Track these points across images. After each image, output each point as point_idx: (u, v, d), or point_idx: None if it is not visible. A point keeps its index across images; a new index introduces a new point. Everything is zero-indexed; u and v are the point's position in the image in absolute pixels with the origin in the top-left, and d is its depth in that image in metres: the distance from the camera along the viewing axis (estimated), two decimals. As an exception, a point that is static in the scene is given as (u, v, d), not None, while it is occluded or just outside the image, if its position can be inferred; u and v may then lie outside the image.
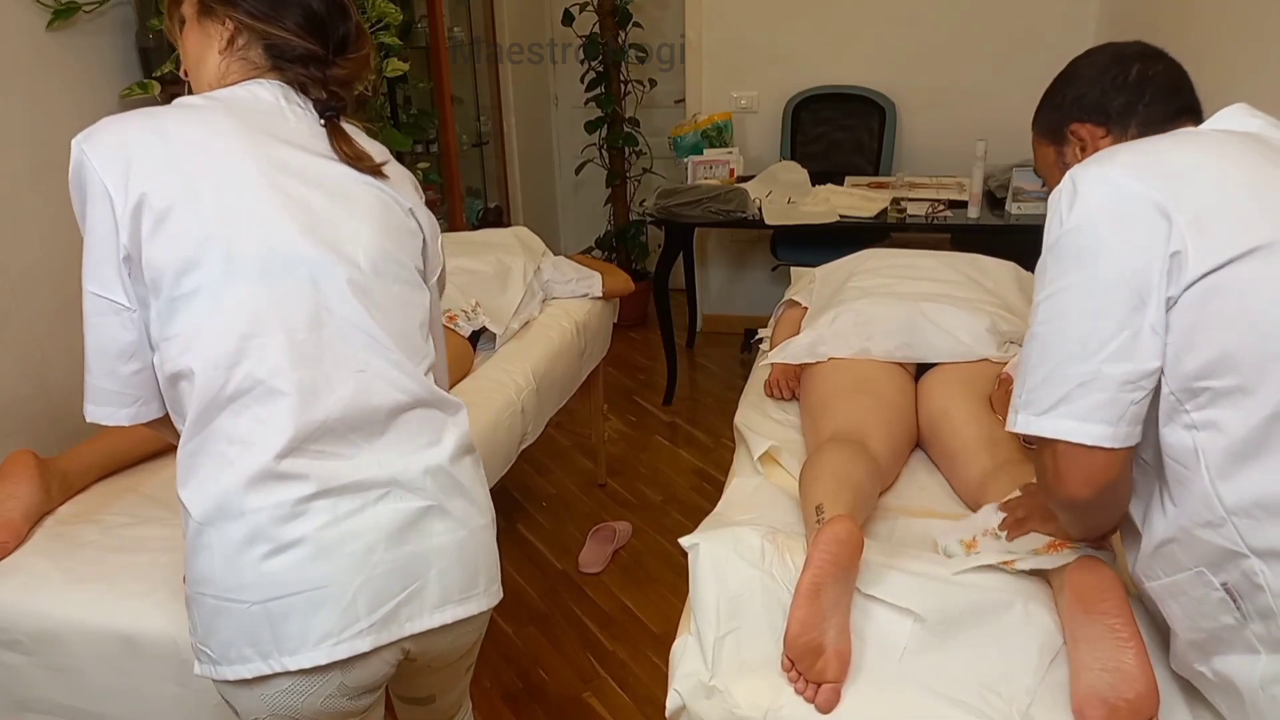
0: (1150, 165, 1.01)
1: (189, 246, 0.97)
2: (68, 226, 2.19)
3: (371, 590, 1.02)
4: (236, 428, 0.98)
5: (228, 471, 0.98)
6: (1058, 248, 1.03)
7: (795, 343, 1.89)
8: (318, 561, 0.99)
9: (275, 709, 1.03)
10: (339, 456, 1.02)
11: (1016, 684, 1.15)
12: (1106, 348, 0.97)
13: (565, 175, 4.91)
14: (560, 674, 2.16)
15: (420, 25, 3.44)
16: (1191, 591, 1.01)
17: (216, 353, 0.98)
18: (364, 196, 1.09)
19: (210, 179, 0.99)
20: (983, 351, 1.73)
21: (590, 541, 2.63)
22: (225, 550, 0.98)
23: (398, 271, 1.10)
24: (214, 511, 0.98)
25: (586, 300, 2.59)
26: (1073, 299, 1.00)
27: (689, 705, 1.22)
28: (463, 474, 1.12)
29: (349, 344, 1.03)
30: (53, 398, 2.13)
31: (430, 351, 1.14)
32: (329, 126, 1.10)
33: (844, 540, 1.19)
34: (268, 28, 1.07)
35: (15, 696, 1.41)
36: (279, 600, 0.98)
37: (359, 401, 1.03)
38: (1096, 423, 0.98)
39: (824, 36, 3.80)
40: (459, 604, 1.10)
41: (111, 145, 0.98)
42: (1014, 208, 3.13)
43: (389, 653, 1.07)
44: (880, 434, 1.58)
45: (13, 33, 2.02)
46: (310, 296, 1.02)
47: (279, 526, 0.98)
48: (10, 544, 1.44)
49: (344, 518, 1.01)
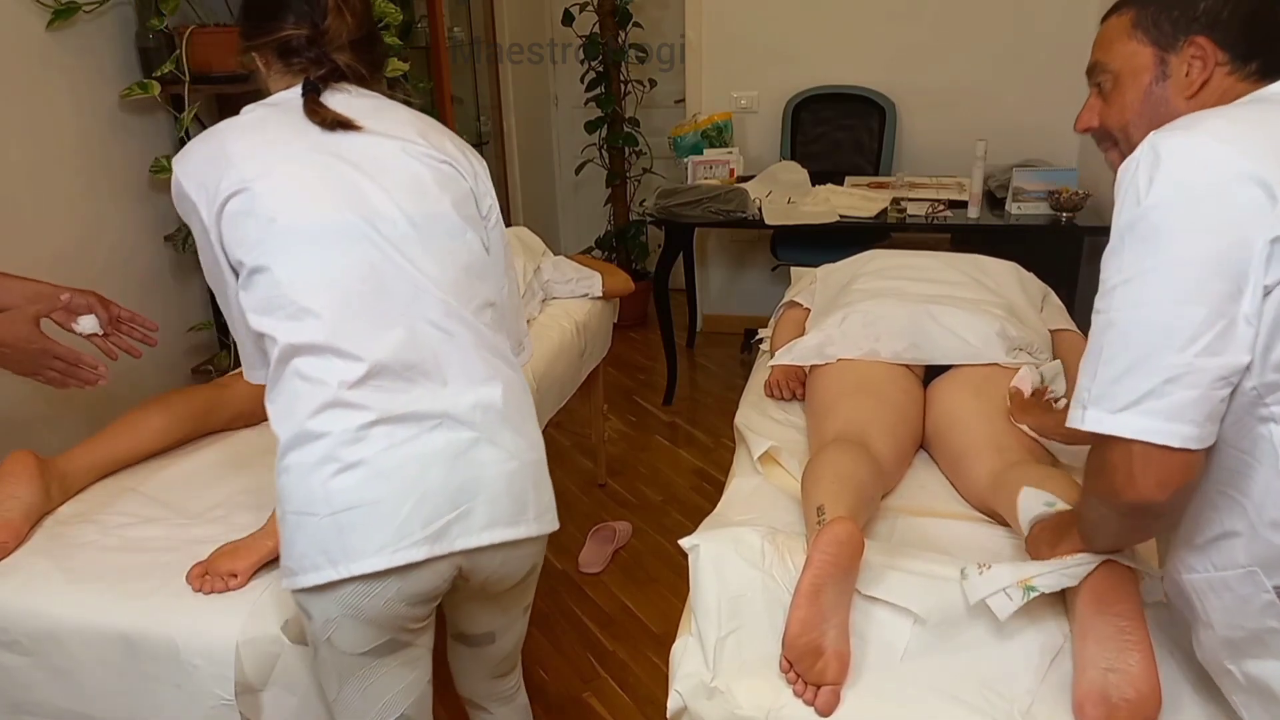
0: (1248, 135, 0.90)
1: (253, 230, 1.15)
2: (67, 226, 2.20)
3: (425, 508, 1.15)
4: (307, 368, 1.14)
5: (303, 402, 1.14)
6: (1138, 227, 0.91)
7: (803, 343, 1.89)
8: (377, 481, 1.13)
9: (345, 609, 1.16)
10: (397, 390, 1.15)
11: (1018, 683, 1.15)
12: (1200, 339, 0.87)
13: (565, 175, 4.91)
14: (560, 674, 2.16)
15: (420, 25, 3.43)
16: (1239, 589, 0.95)
17: (285, 314, 1.14)
18: (399, 164, 1.22)
19: (260, 171, 1.16)
20: (991, 356, 1.72)
21: (590, 541, 2.63)
22: (302, 470, 1.14)
23: (439, 224, 1.23)
24: (294, 437, 1.14)
25: (586, 300, 2.59)
26: (1159, 284, 0.89)
27: (690, 706, 1.22)
28: (512, 411, 1.24)
29: (395, 294, 1.17)
30: (52, 398, 2.13)
31: (485, 291, 1.28)
32: (305, 99, 1.21)
33: (844, 541, 1.18)
34: (265, 39, 1.24)
35: (14, 697, 1.41)
36: (344, 513, 1.12)
37: (410, 344, 1.17)
38: (1183, 422, 0.89)
39: (824, 36, 3.80)
40: (506, 527, 1.22)
41: (189, 165, 1.19)
42: (1014, 208, 3.13)
43: (442, 565, 1.18)
44: (884, 436, 1.58)
45: (13, 33, 2.02)
46: (355, 257, 1.16)
47: (345, 448, 1.12)
48: (10, 544, 1.44)
49: (400, 443, 1.14)
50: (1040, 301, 2.08)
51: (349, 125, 1.21)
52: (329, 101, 1.23)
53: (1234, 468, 0.94)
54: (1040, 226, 3.05)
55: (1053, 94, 3.62)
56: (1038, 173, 3.14)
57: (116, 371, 2.31)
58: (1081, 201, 3.03)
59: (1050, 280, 2.21)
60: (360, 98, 1.26)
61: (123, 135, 2.36)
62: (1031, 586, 1.18)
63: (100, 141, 2.29)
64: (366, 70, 1.28)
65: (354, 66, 1.26)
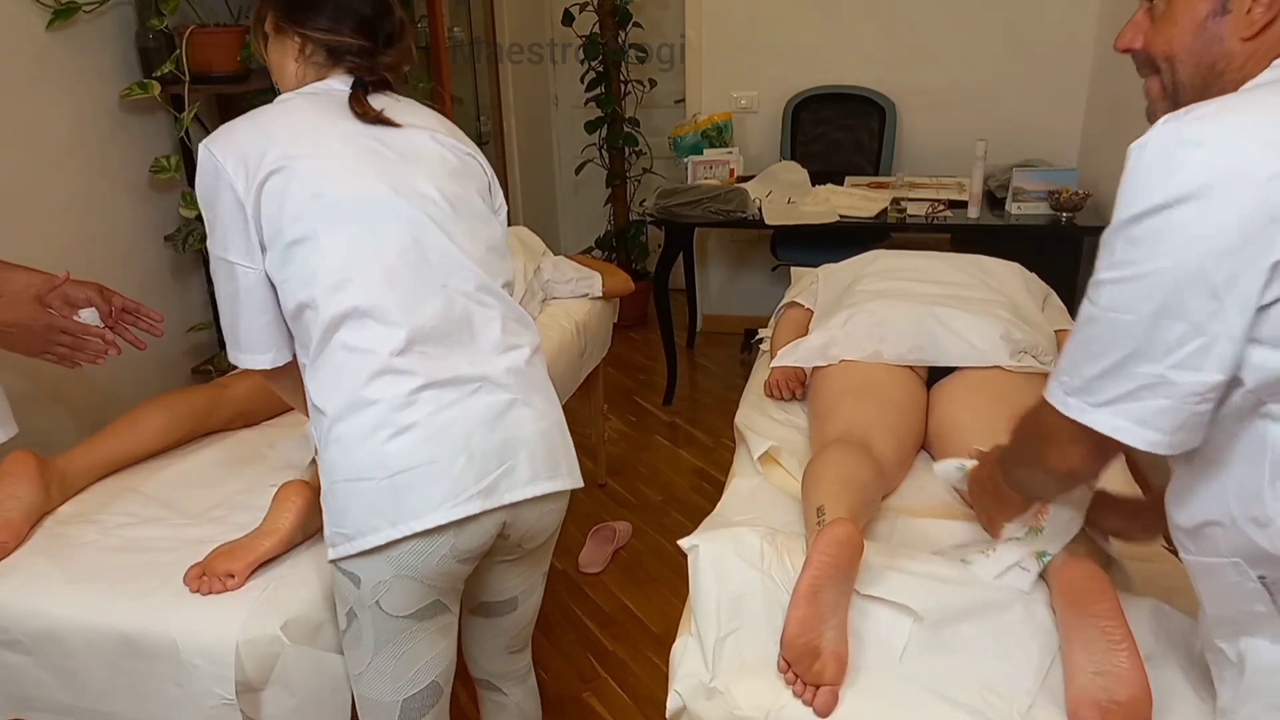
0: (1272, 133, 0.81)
1: (295, 203, 1.20)
2: (67, 226, 2.20)
3: (475, 466, 1.22)
4: (353, 339, 1.20)
5: (351, 372, 1.20)
6: (1133, 229, 0.86)
7: (806, 344, 1.89)
8: (430, 442, 1.20)
9: (400, 569, 1.22)
10: (438, 357, 1.23)
11: (1016, 684, 1.15)
12: (1175, 354, 0.86)
13: (565, 175, 4.90)
14: (560, 674, 2.16)
15: (420, 25, 3.43)
16: (1226, 577, 0.95)
17: (328, 283, 1.19)
18: (433, 151, 1.32)
19: (305, 150, 1.22)
20: (996, 359, 1.72)
21: (590, 541, 2.63)
22: (354, 438, 1.19)
23: (468, 206, 1.32)
24: (345, 407, 1.19)
25: (586, 300, 2.59)
26: (1145, 293, 0.86)
27: (690, 706, 1.22)
28: (537, 376, 1.35)
29: (433, 266, 1.25)
30: (52, 398, 2.13)
31: (505, 270, 1.36)
32: (353, 93, 1.29)
33: (844, 542, 1.18)
34: (328, 37, 1.30)
35: (15, 696, 1.41)
36: (401, 475, 1.18)
37: (448, 312, 1.25)
38: (1152, 429, 0.89)
39: (824, 36, 3.80)
40: (548, 480, 1.31)
41: (228, 141, 1.23)
42: (1014, 208, 3.13)
43: (491, 520, 1.26)
44: (886, 437, 1.58)
45: (13, 33, 2.02)
46: (396, 230, 1.23)
47: (397, 413, 1.19)
48: (10, 544, 1.44)
49: (446, 406, 1.21)
50: (1043, 302, 2.08)
51: (388, 123, 1.29)
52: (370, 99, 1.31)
53: (1216, 460, 0.93)
54: (1040, 226, 3.05)
55: (1053, 94, 3.62)
56: (1038, 173, 3.14)
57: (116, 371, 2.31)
58: (1081, 201, 3.03)
59: (1050, 280, 2.21)
60: (387, 98, 1.34)
61: (123, 135, 2.36)
62: (1043, 553, 1.24)
63: (100, 141, 2.29)
64: (399, 83, 1.38)
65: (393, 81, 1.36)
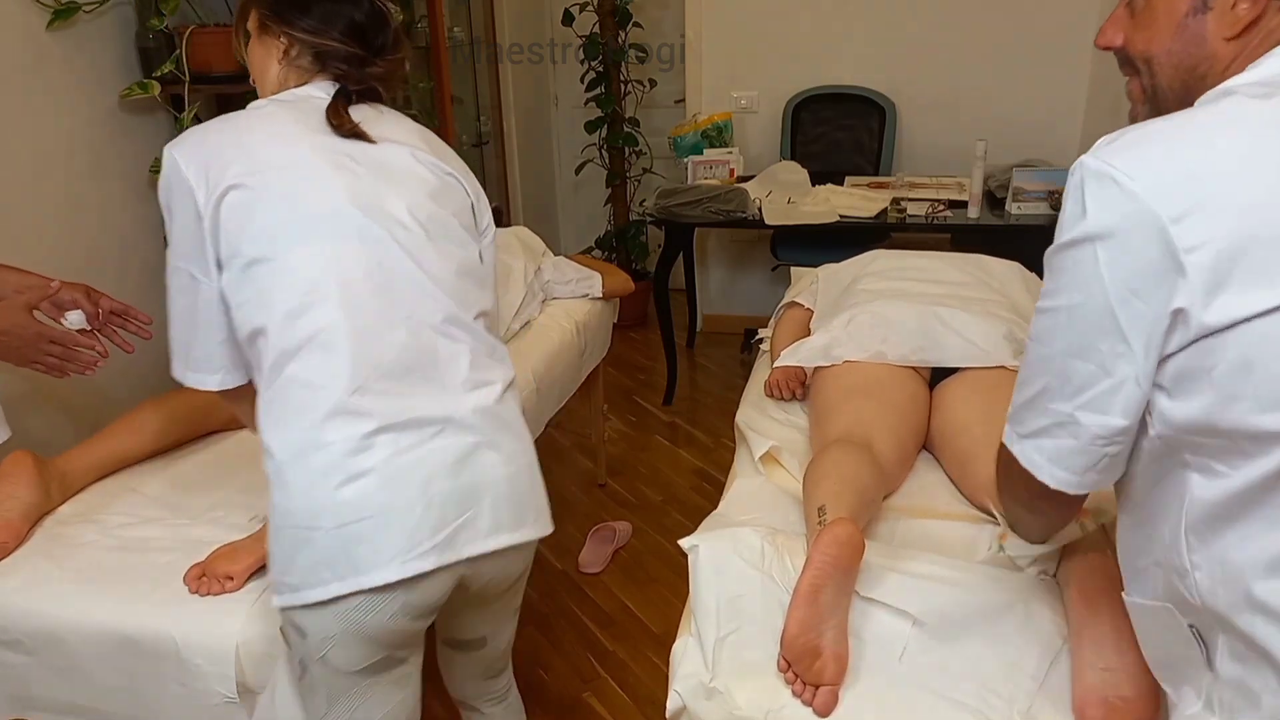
0: (1187, 171, 0.77)
1: (259, 220, 1.12)
2: (67, 226, 2.20)
3: (433, 516, 1.13)
4: (306, 373, 1.11)
5: (303, 410, 1.10)
6: (1060, 257, 0.84)
7: (809, 344, 1.88)
8: (385, 489, 1.10)
9: (347, 625, 1.13)
10: (399, 395, 1.13)
11: (1017, 685, 1.15)
12: (1083, 394, 0.84)
13: (565, 175, 4.90)
14: (560, 674, 2.16)
15: (420, 25, 3.43)
16: (1160, 619, 0.91)
17: (285, 309, 1.11)
18: (409, 169, 1.23)
19: (274, 163, 1.15)
20: (999, 358, 1.72)
21: (590, 541, 2.63)
22: (305, 483, 1.10)
23: (444, 230, 1.23)
24: (295, 449, 1.10)
25: (586, 300, 2.59)
26: (1061, 327, 0.85)
27: (689, 706, 1.22)
28: (508, 414, 1.25)
29: (399, 295, 1.16)
30: (52, 398, 2.13)
31: (482, 300, 1.27)
32: (333, 102, 1.22)
33: (844, 542, 1.18)
34: (317, 40, 1.24)
35: (15, 696, 1.42)
36: (352, 525, 1.09)
37: (411, 345, 1.15)
38: (1062, 468, 0.88)
39: (824, 36, 3.80)
40: (511, 531, 1.21)
41: (193, 148, 1.15)
42: (1014, 208, 3.13)
43: (448, 575, 1.17)
44: (887, 437, 1.58)
45: (13, 33, 2.02)
46: (363, 254, 1.15)
47: (350, 458, 1.09)
48: (10, 544, 1.44)
49: (405, 450, 1.12)
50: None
51: (364, 138, 1.21)
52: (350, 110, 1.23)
53: (1143, 503, 0.90)
54: (1040, 226, 3.05)
55: (1053, 94, 3.62)
56: (1038, 173, 3.14)
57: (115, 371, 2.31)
58: (1081, 201, 3.02)
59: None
60: (369, 109, 1.27)
61: (123, 135, 2.36)
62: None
63: (100, 141, 2.29)
64: (388, 94, 1.32)
65: (382, 92, 1.30)
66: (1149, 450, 0.86)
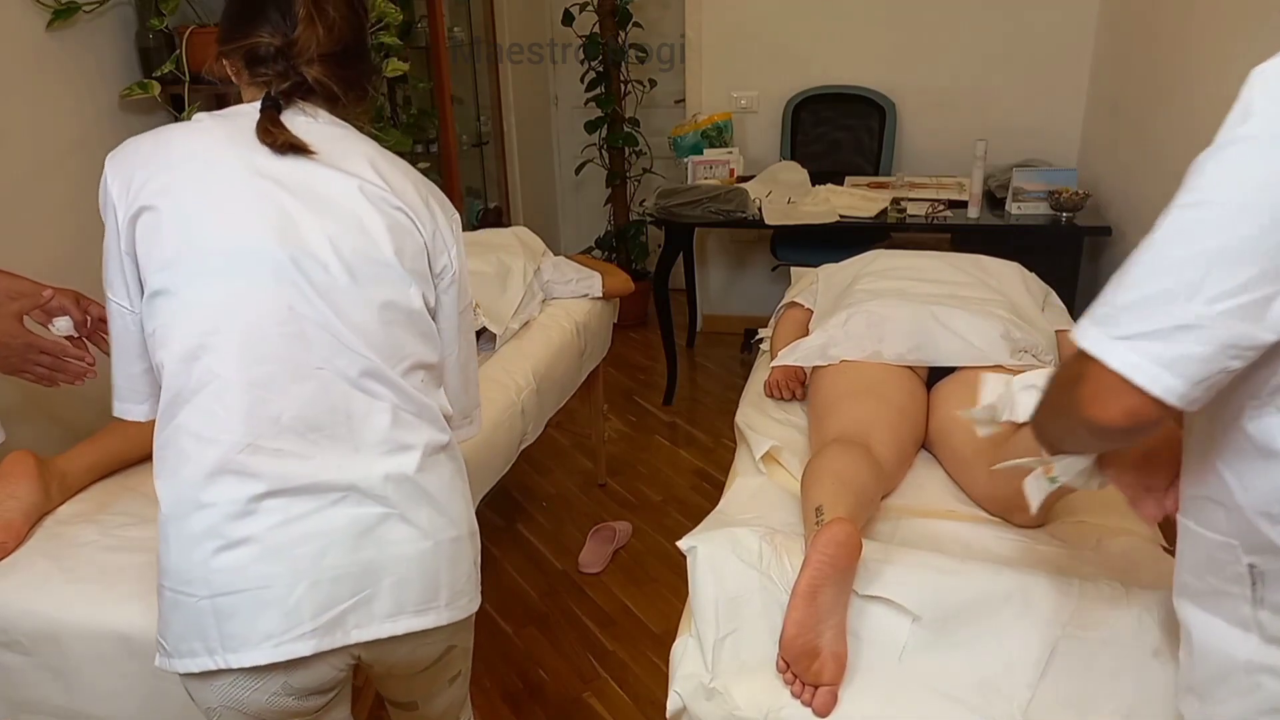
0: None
1: (166, 248, 1.03)
2: (67, 227, 2.20)
3: (318, 594, 1.03)
4: (195, 423, 1.02)
5: (188, 465, 1.02)
6: (1223, 153, 0.79)
7: (806, 344, 1.89)
8: (265, 561, 1.01)
9: (225, 701, 1.06)
10: (298, 456, 1.03)
11: (1017, 679, 1.16)
12: (1228, 300, 0.77)
13: (565, 175, 4.90)
14: (560, 674, 2.16)
15: (420, 25, 3.43)
16: (1216, 553, 0.90)
17: (181, 348, 1.02)
18: (347, 200, 1.08)
19: (192, 186, 1.05)
20: (996, 358, 1.72)
21: (590, 541, 2.63)
22: (181, 543, 1.02)
23: (378, 273, 1.08)
24: (175, 505, 1.02)
25: (586, 300, 2.59)
26: (1212, 225, 0.78)
27: (689, 706, 1.23)
28: (432, 484, 1.11)
29: (310, 343, 1.04)
30: (51, 398, 2.13)
31: (420, 352, 1.12)
32: (262, 115, 1.08)
33: (842, 542, 1.18)
34: (233, 46, 1.12)
35: (13, 697, 1.41)
36: (225, 597, 1.01)
37: (319, 401, 1.04)
38: (1176, 376, 0.80)
39: (824, 36, 3.80)
40: (414, 615, 1.09)
41: (121, 160, 1.07)
42: (1014, 208, 3.13)
43: (335, 659, 1.07)
44: (885, 437, 1.58)
45: (13, 33, 2.02)
46: (273, 295, 1.03)
47: (230, 523, 1.01)
48: (10, 544, 1.44)
49: (296, 519, 1.02)
50: (1043, 302, 2.08)
51: (302, 150, 1.07)
52: (289, 122, 1.09)
53: (1237, 445, 0.87)
54: (1040, 226, 3.05)
55: (1053, 94, 3.62)
56: (1038, 173, 3.14)
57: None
58: (1081, 201, 3.03)
59: (1050, 280, 2.21)
60: (325, 124, 1.12)
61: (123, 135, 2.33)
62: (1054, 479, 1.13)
63: (100, 142, 2.29)
64: (340, 89, 1.12)
65: (324, 83, 1.10)
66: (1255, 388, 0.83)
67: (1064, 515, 1.50)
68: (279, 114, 1.09)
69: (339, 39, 1.11)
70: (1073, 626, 1.19)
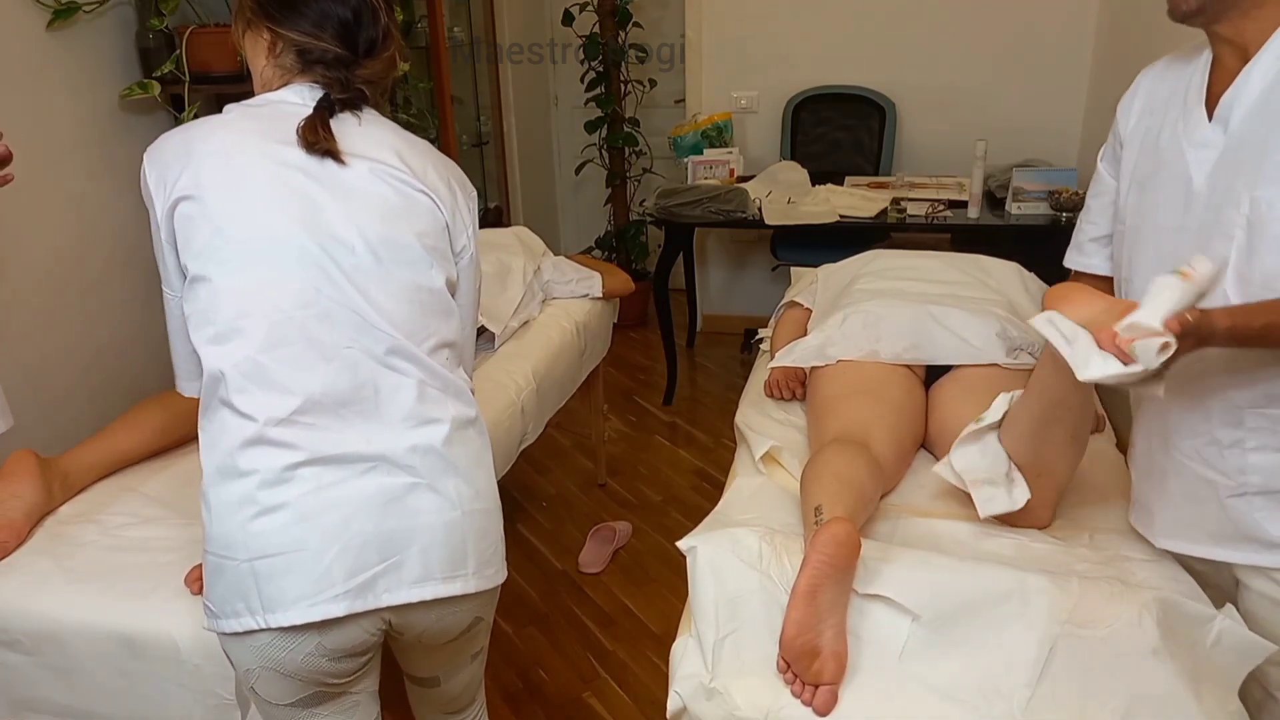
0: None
1: (200, 237, 1.09)
2: (67, 228, 2.20)
3: (347, 559, 1.08)
4: (233, 400, 1.07)
5: (226, 437, 1.08)
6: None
7: (804, 344, 1.89)
8: (297, 526, 1.06)
9: (264, 660, 1.10)
10: (329, 429, 1.09)
11: (1016, 678, 1.16)
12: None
13: (565, 175, 4.91)
14: (560, 674, 2.17)
15: (420, 25, 3.43)
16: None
17: (215, 333, 1.08)
18: (368, 187, 1.14)
19: (217, 179, 1.10)
20: (992, 356, 1.73)
21: (590, 541, 2.64)
22: (221, 510, 1.07)
23: (402, 254, 1.15)
24: (217, 472, 1.08)
25: (586, 300, 2.59)
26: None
27: (689, 706, 1.23)
28: (460, 456, 1.16)
29: (338, 323, 1.10)
30: (53, 398, 2.13)
31: (443, 330, 1.19)
32: (312, 115, 1.14)
33: (842, 542, 1.19)
34: (299, 38, 1.16)
35: (15, 696, 1.42)
36: (263, 560, 1.06)
37: (349, 378, 1.10)
38: None
39: (824, 36, 3.80)
40: (442, 582, 1.14)
41: (156, 155, 1.13)
42: (1014, 208, 3.13)
43: (367, 621, 1.12)
44: (884, 436, 1.58)
45: (13, 33, 2.02)
46: (301, 279, 1.09)
47: (267, 490, 1.06)
48: (11, 544, 1.44)
49: (327, 486, 1.08)
50: (1042, 301, 2.08)
51: (334, 157, 1.13)
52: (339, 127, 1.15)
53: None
54: (1040, 226, 3.05)
55: (1053, 94, 3.62)
56: (1038, 173, 3.14)
57: (116, 371, 2.31)
58: (1081, 201, 3.02)
59: (1050, 280, 2.20)
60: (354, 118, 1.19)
61: (123, 135, 2.36)
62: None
63: (100, 141, 2.29)
64: (377, 98, 1.23)
65: (369, 96, 1.21)
66: None
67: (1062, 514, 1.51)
68: (330, 116, 1.15)
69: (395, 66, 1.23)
70: (1071, 625, 1.19)
